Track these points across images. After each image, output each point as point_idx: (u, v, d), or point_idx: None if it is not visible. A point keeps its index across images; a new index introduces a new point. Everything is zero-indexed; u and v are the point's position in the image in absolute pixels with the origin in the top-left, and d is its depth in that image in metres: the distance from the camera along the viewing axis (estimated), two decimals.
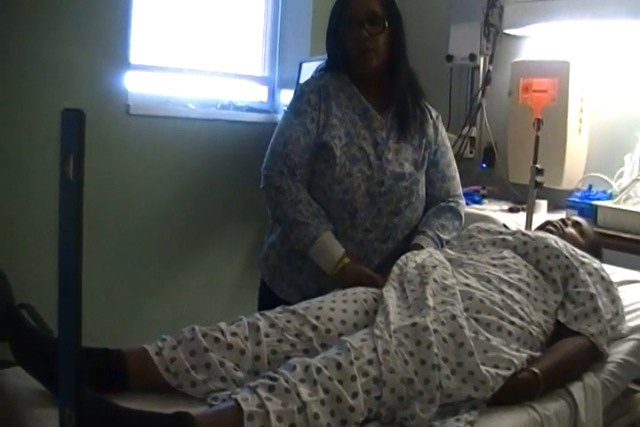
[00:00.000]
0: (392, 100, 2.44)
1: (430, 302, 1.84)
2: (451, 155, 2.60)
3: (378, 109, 2.43)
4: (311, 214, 2.29)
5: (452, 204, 2.53)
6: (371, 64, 2.38)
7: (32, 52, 3.10)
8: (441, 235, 2.43)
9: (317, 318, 1.86)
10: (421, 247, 2.33)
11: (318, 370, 1.56)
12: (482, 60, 3.82)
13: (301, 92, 2.43)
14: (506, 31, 3.73)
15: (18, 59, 3.09)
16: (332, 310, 1.90)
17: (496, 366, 1.73)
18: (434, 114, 2.56)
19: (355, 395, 1.55)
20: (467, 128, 3.83)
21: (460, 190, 2.62)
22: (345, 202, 2.33)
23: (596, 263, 2.22)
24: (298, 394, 1.50)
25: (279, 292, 2.47)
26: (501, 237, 2.33)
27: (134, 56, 3.61)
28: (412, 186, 2.41)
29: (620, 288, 2.28)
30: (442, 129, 2.57)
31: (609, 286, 2.16)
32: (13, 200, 3.15)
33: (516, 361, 1.77)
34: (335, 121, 2.36)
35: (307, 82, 2.50)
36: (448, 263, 2.11)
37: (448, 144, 2.60)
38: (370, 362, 1.62)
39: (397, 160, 2.38)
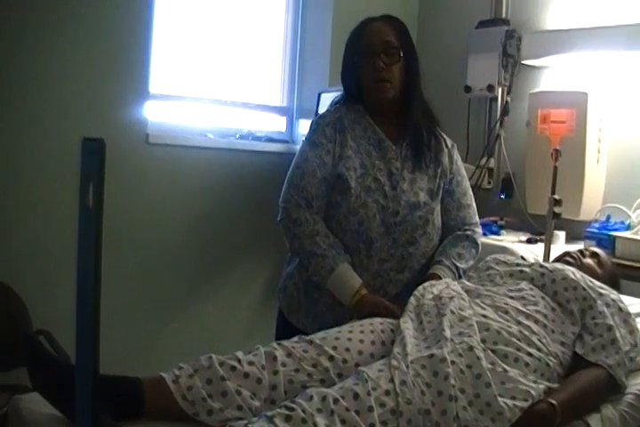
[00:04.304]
0: (407, 131, 2.45)
1: (447, 333, 1.83)
2: (466, 183, 2.60)
3: (393, 140, 2.44)
4: (328, 246, 2.29)
5: (468, 232, 2.53)
6: (386, 94, 2.40)
7: (53, 80, 3.15)
8: (458, 264, 2.42)
9: (334, 348, 1.85)
10: (438, 277, 2.33)
11: (335, 400, 1.56)
12: (500, 90, 3.85)
13: (317, 125, 2.45)
14: (524, 62, 3.76)
15: (38, 87, 3.12)
16: (349, 340, 1.89)
17: (513, 398, 1.71)
18: (449, 143, 2.56)
19: (372, 426, 1.54)
20: (485, 159, 3.85)
21: (477, 218, 2.61)
22: (360, 232, 2.33)
23: (613, 294, 2.21)
24: (315, 424, 1.49)
25: (296, 322, 2.47)
26: (519, 268, 2.31)
27: (154, 85, 3.65)
28: (428, 215, 2.40)
29: (638, 319, 2.26)
30: (457, 158, 2.57)
31: (627, 318, 2.14)
32: (32, 227, 3.17)
33: (533, 392, 1.75)
34: (350, 152, 2.37)
35: (322, 115, 2.52)
36: (465, 294, 2.10)
37: (464, 173, 2.60)
38: (387, 393, 1.61)
39: (412, 190, 2.39)
